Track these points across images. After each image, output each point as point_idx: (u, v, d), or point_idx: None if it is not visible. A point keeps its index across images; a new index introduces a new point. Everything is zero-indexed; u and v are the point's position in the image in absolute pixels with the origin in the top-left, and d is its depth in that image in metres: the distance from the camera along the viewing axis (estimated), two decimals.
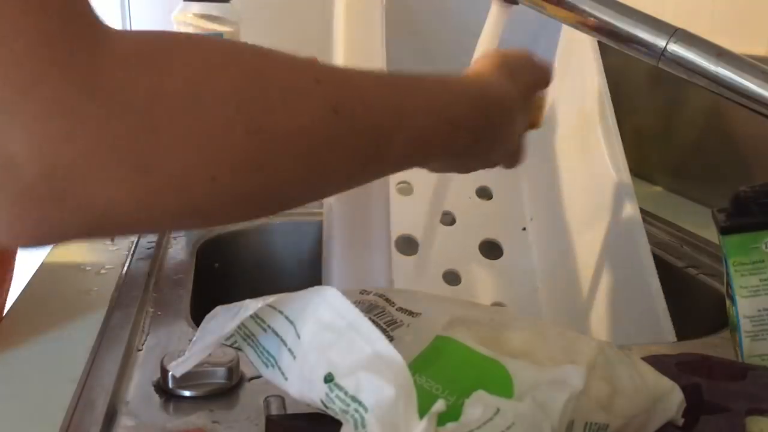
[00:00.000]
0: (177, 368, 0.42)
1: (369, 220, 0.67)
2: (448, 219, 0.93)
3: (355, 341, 0.37)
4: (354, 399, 0.35)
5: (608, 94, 0.83)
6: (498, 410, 0.34)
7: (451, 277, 0.90)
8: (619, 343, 0.72)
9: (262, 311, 0.42)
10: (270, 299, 0.41)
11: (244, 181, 0.39)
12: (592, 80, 0.84)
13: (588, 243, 0.82)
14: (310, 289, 0.40)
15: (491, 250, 0.93)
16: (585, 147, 0.84)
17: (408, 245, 0.88)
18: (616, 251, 0.77)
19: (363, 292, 0.47)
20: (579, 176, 0.85)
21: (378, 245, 0.65)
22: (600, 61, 0.85)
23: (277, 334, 0.41)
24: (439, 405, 0.32)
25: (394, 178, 0.90)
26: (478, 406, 0.34)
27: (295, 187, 0.44)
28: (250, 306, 0.41)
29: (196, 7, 1.33)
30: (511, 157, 0.64)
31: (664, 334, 0.68)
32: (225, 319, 0.41)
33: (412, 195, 0.92)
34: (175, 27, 1.33)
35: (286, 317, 0.40)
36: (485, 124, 0.56)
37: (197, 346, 0.41)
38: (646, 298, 0.71)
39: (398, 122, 0.47)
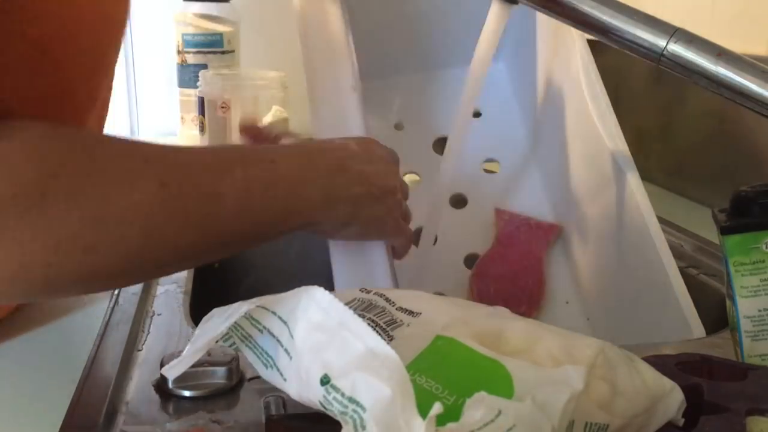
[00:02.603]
0: (170, 371, 0.42)
1: None
2: (460, 201, 0.93)
3: (347, 340, 0.37)
4: (351, 400, 0.35)
5: (593, 63, 0.83)
6: (500, 412, 0.34)
7: (472, 261, 0.90)
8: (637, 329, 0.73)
9: (256, 312, 0.42)
10: (260, 300, 0.41)
11: (80, 265, 0.46)
12: (575, 53, 0.83)
13: (593, 217, 0.82)
14: (299, 290, 0.40)
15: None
16: (579, 120, 0.84)
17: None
18: (622, 225, 0.77)
19: (363, 290, 0.47)
20: (577, 149, 0.85)
21: (376, 246, 0.65)
22: (583, 36, 0.84)
23: (273, 335, 0.41)
24: (437, 408, 0.32)
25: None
26: (479, 407, 0.34)
27: (132, 261, 0.49)
28: (241, 308, 0.41)
29: (196, 7, 1.33)
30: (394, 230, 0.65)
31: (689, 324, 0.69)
32: (218, 321, 0.41)
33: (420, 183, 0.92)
34: (176, 26, 1.34)
35: (279, 317, 0.40)
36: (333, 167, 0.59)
37: (190, 349, 0.42)
38: (657, 266, 0.71)
39: (220, 181, 0.52)
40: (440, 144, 0.95)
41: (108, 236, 0.46)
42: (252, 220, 0.54)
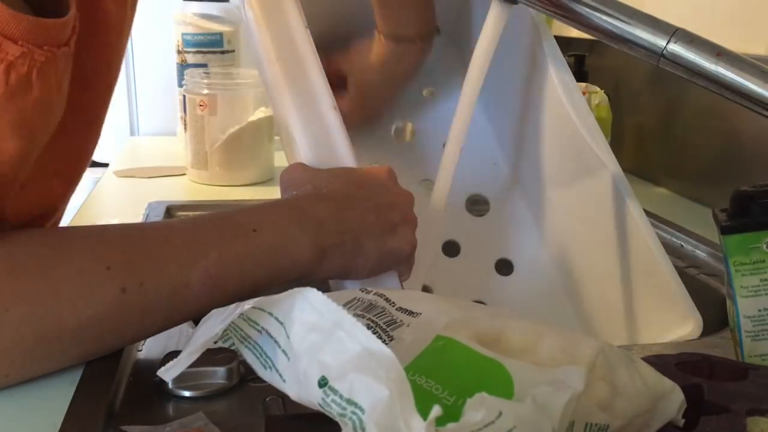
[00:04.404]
0: (167, 373, 0.42)
1: None
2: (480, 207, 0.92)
3: (343, 340, 0.37)
4: (350, 402, 0.35)
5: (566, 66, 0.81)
6: (500, 413, 0.34)
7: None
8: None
9: (253, 313, 0.42)
10: (255, 302, 0.41)
11: (33, 372, 0.51)
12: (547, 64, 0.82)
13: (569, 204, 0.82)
14: (292, 291, 0.40)
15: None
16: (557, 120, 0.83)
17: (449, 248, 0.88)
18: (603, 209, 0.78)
19: (363, 290, 0.47)
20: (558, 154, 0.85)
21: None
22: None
23: (270, 336, 0.41)
24: (436, 411, 0.32)
25: None
26: (480, 408, 0.34)
27: (87, 357, 0.52)
28: (237, 309, 0.41)
29: (196, 7, 1.33)
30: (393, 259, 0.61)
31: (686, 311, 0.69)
32: (215, 322, 0.42)
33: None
34: (175, 26, 1.33)
35: (276, 318, 0.41)
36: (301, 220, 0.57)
37: (186, 351, 0.42)
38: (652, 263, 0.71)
39: (190, 271, 0.52)
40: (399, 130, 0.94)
41: (62, 349, 0.50)
42: (225, 297, 0.53)
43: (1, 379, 0.50)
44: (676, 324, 0.70)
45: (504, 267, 0.90)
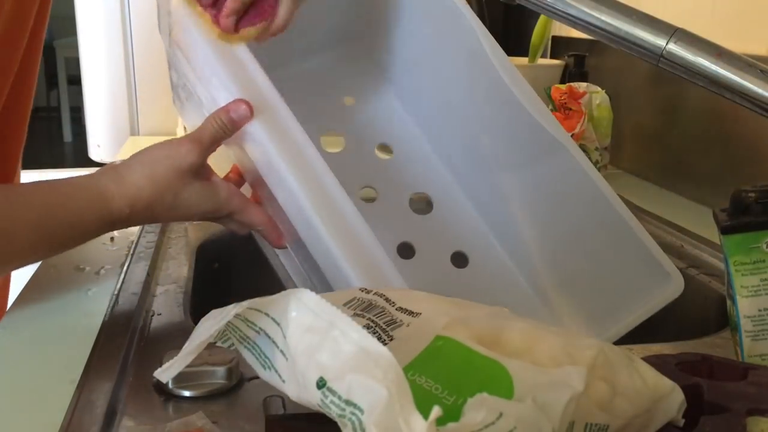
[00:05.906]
0: (163, 374, 0.42)
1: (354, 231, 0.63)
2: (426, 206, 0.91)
3: (339, 340, 0.37)
4: (348, 402, 0.35)
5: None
6: (501, 414, 0.34)
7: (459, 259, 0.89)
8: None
9: (249, 314, 0.42)
10: (250, 303, 0.41)
11: None
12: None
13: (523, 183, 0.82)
14: (286, 292, 0.40)
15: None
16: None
17: (404, 250, 0.88)
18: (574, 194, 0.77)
19: (363, 290, 0.47)
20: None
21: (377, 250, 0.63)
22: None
23: (268, 336, 0.41)
24: (436, 411, 0.31)
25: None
26: (481, 408, 0.34)
27: None
28: (233, 310, 0.41)
29: None
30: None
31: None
32: (212, 323, 0.42)
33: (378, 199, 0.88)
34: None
35: (273, 319, 0.41)
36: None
37: (183, 351, 0.42)
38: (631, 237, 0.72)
39: (12, 227, 0.57)
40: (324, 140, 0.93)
41: None
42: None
43: None
44: (657, 284, 0.70)
45: (459, 260, 0.89)
